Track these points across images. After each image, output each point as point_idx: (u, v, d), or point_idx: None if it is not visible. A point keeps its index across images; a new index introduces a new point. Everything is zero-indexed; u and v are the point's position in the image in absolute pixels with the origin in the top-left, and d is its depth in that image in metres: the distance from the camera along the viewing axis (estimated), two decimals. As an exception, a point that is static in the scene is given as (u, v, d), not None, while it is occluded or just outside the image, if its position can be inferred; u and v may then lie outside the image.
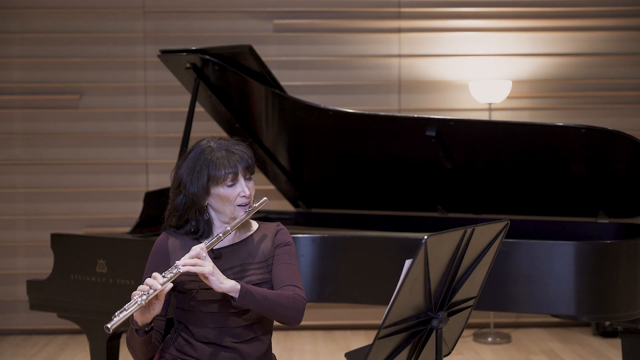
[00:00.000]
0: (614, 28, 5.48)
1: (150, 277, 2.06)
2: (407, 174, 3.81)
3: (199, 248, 2.10)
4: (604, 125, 3.50)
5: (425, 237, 1.84)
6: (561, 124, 3.45)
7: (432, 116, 3.54)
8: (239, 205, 2.19)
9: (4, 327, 5.44)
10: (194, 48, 3.70)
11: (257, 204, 2.23)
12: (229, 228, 2.17)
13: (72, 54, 5.41)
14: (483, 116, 5.39)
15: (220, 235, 2.15)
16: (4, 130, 5.41)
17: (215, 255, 2.21)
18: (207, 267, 2.07)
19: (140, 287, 2.03)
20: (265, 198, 2.28)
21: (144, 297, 2.00)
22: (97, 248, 3.43)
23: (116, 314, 1.98)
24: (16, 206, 5.43)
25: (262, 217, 4.23)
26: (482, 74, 5.41)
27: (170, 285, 2.05)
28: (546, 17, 5.47)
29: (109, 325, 1.96)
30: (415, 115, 3.66)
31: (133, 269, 3.29)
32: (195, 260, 2.07)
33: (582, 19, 5.45)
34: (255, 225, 2.32)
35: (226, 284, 2.08)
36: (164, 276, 2.05)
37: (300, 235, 3.25)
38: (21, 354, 4.97)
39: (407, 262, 1.87)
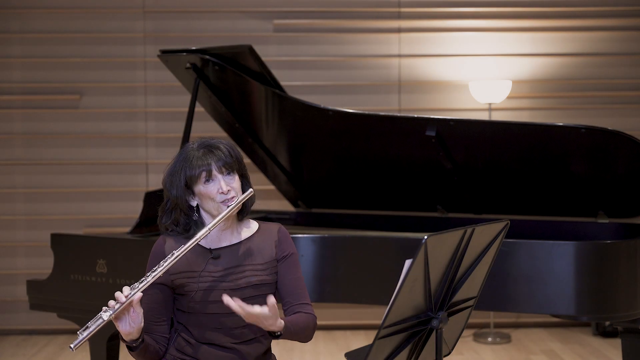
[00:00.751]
0: (614, 28, 5.47)
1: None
2: (407, 174, 3.81)
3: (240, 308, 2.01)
4: (604, 125, 3.50)
5: (425, 237, 1.84)
6: (561, 124, 3.44)
7: (432, 116, 3.54)
8: (222, 202, 2.17)
9: (4, 327, 5.44)
10: (194, 48, 3.69)
11: (240, 197, 2.17)
12: (208, 227, 2.12)
13: (72, 54, 5.41)
14: (483, 116, 5.39)
15: (198, 235, 2.11)
16: (4, 130, 5.41)
17: (214, 255, 2.21)
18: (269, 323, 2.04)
19: (110, 302, 1.99)
20: (250, 190, 2.21)
21: (109, 312, 1.96)
22: (97, 248, 3.43)
23: (79, 332, 1.94)
24: (16, 206, 5.43)
25: (262, 217, 4.23)
26: (482, 74, 5.41)
27: (139, 295, 1.99)
28: (546, 17, 5.46)
29: (72, 345, 1.92)
30: (415, 115, 3.66)
31: (133, 269, 3.29)
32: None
33: (582, 19, 5.45)
34: (255, 226, 2.31)
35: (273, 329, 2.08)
36: (132, 288, 2.01)
37: (300, 235, 3.25)
38: (21, 354, 4.97)
39: (407, 262, 1.86)
